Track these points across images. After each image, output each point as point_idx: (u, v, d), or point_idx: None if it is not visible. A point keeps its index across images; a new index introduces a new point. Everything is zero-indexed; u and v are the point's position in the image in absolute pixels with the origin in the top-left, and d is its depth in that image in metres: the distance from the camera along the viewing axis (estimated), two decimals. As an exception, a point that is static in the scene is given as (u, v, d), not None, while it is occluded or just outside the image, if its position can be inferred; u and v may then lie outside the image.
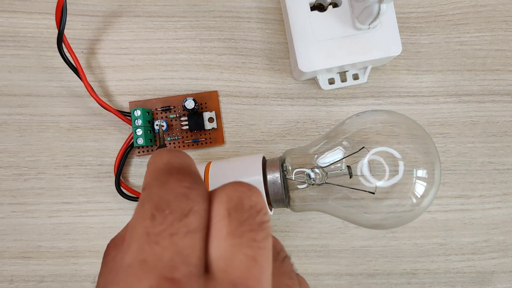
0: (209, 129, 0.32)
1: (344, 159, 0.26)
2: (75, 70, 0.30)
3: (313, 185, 0.26)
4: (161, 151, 0.14)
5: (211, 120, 0.31)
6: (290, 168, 0.26)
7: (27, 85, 0.32)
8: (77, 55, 0.29)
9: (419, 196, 0.25)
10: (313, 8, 0.29)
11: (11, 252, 0.31)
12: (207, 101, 0.32)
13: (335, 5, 0.29)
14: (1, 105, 0.32)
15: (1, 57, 0.32)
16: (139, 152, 0.32)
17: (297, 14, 0.28)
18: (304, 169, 0.26)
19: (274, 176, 0.26)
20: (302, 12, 0.28)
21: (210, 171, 0.27)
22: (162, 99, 0.32)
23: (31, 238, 0.31)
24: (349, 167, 0.25)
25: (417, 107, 0.32)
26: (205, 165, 0.28)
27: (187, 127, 0.31)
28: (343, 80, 0.31)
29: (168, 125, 0.31)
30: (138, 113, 0.30)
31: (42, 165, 0.32)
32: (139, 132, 0.30)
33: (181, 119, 0.31)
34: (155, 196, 0.12)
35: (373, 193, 0.25)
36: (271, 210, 0.27)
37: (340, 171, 0.26)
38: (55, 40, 0.28)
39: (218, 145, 0.32)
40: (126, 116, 0.31)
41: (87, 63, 0.32)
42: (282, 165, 0.26)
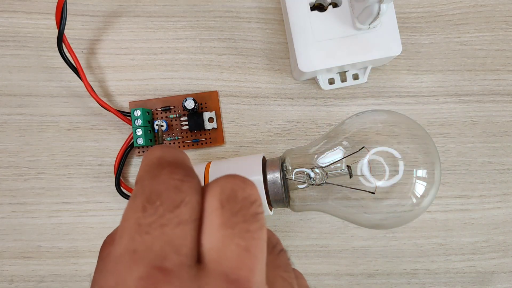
0: (209, 129, 0.32)
1: (344, 159, 0.26)
2: (75, 70, 0.30)
3: (313, 185, 0.26)
4: (155, 147, 0.14)
5: (211, 120, 0.31)
6: (290, 168, 0.26)
7: (27, 85, 0.32)
8: (77, 55, 0.29)
9: (419, 196, 0.25)
10: (313, 8, 0.29)
11: (11, 252, 0.31)
12: (207, 101, 0.32)
13: (335, 5, 0.29)
14: (1, 105, 0.32)
15: (1, 57, 0.32)
16: (139, 152, 0.32)
17: (297, 14, 0.28)
18: (304, 169, 0.26)
19: (274, 176, 0.26)
20: (302, 12, 0.28)
21: (210, 171, 0.27)
22: (162, 99, 0.32)
23: (31, 238, 0.31)
24: (349, 167, 0.25)
25: (417, 107, 0.32)
26: (205, 165, 0.28)
27: (187, 127, 0.31)
28: (343, 80, 0.31)
29: (168, 125, 0.31)
30: (138, 113, 0.30)
31: (42, 165, 0.32)
32: (139, 132, 0.30)
33: (181, 119, 0.31)
34: (147, 188, 0.12)
35: (373, 193, 0.25)
36: (271, 210, 0.27)
37: (340, 171, 0.26)
38: (55, 40, 0.28)
39: (218, 145, 0.32)
40: (126, 116, 0.31)
41: (87, 63, 0.32)
42: (282, 165, 0.26)
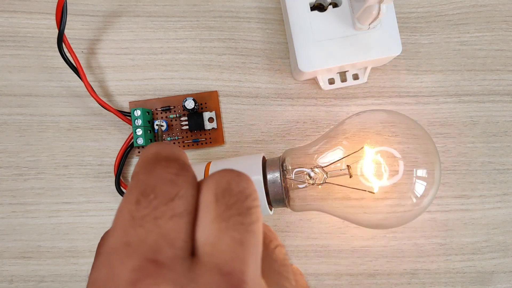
0: (209, 129, 0.32)
1: (344, 159, 0.26)
2: (75, 70, 0.30)
3: (313, 185, 0.26)
4: (152, 144, 0.14)
5: (211, 120, 0.31)
6: (290, 168, 0.26)
7: (27, 85, 0.32)
8: (77, 55, 0.29)
9: (419, 196, 0.25)
10: (313, 8, 0.29)
11: (11, 252, 0.31)
12: (207, 101, 0.32)
13: (335, 5, 0.29)
14: (1, 105, 0.32)
15: (1, 57, 0.32)
16: (139, 152, 0.32)
17: (297, 14, 0.28)
18: (304, 169, 0.26)
19: (274, 176, 0.26)
20: (302, 12, 0.28)
21: (210, 171, 0.27)
22: (162, 99, 0.32)
23: (31, 238, 0.31)
24: (349, 167, 0.25)
25: (417, 107, 0.32)
26: (205, 165, 0.28)
27: (187, 127, 0.31)
28: (343, 80, 0.31)
29: (168, 125, 0.31)
30: (138, 113, 0.30)
31: (42, 165, 0.32)
32: (139, 132, 0.30)
33: (181, 119, 0.31)
34: (142, 182, 0.12)
35: (373, 193, 0.25)
36: (271, 210, 0.27)
37: (340, 171, 0.26)
38: (55, 40, 0.28)
39: (218, 145, 0.32)
40: (126, 116, 0.31)
41: (87, 63, 0.32)
42: (282, 165, 0.26)
